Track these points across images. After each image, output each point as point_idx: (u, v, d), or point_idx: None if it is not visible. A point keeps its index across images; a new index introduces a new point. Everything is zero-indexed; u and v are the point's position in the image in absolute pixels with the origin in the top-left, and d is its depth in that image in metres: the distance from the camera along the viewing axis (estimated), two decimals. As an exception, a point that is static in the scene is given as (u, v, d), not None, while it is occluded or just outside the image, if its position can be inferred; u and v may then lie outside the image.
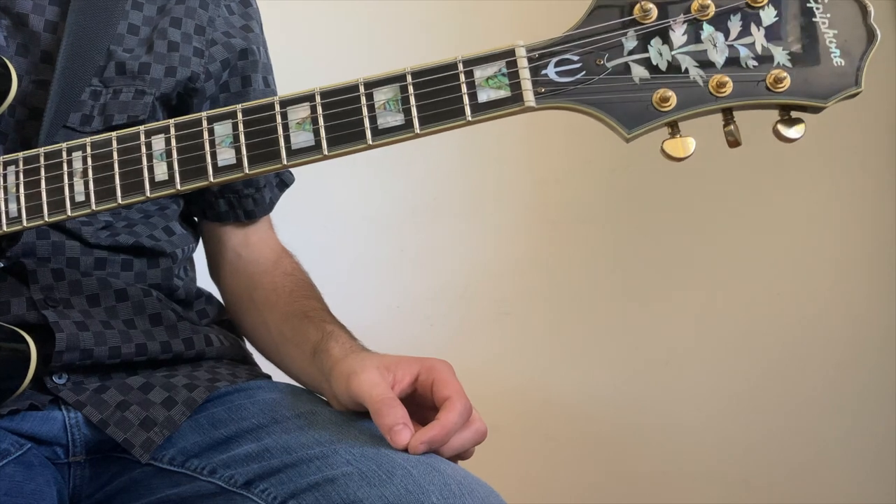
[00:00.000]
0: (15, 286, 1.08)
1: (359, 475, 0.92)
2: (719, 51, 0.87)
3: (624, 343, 2.02)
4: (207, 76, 1.20)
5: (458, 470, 0.95)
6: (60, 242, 1.11)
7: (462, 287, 1.96)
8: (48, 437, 1.06)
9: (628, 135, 0.88)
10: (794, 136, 0.86)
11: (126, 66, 1.13)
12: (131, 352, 1.10)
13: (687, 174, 1.99)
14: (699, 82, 0.87)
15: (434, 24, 1.94)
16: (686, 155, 0.87)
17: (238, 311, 1.27)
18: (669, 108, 0.87)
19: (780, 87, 0.85)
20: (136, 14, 1.17)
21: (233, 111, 0.95)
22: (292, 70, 1.40)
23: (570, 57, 0.89)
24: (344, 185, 1.89)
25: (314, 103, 0.92)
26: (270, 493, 0.97)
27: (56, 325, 1.06)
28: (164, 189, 0.96)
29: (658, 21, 0.87)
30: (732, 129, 0.87)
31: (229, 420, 1.07)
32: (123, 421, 1.05)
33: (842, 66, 0.85)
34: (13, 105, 1.07)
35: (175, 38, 1.17)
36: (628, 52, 0.88)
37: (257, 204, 1.27)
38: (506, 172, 2.00)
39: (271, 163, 0.93)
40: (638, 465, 2.03)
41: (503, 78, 0.89)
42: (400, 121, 0.90)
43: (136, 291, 1.14)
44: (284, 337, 1.19)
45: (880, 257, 2.07)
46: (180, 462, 1.05)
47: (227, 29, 1.23)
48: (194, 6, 1.21)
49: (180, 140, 0.96)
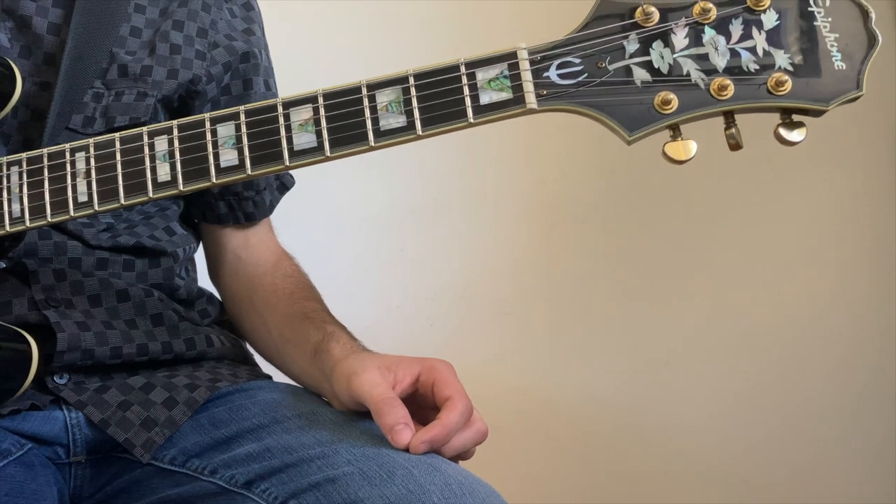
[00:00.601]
0: (17, 286, 1.09)
1: (360, 475, 0.92)
2: (721, 54, 0.87)
3: (624, 343, 2.02)
4: (209, 79, 1.20)
5: (459, 470, 0.95)
6: (62, 243, 1.11)
7: (462, 287, 1.96)
8: (49, 437, 1.06)
9: (630, 137, 0.88)
10: (795, 139, 0.86)
11: (128, 68, 1.14)
12: (132, 352, 1.10)
13: (687, 175, 1.98)
14: (701, 85, 0.87)
15: (434, 24, 1.94)
16: (687, 158, 0.87)
17: (238, 312, 1.28)
18: (671, 110, 0.87)
19: (781, 90, 0.86)
20: (138, 17, 1.17)
21: (236, 112, 0.95)
22: (292, 71, 1.40)
23: (571, 59, 0.89)
24: (344, 185, 1.89)
25: (317, 105, 0.92)
26: (271, 493, 0.97)
27: (57, 326, 1.06)
28: (167, 190, 0.96)
29: (660, 24, 0.88)
30: (734, 132, 0.87)
31: (230, 420, 1.07)
32: (124, 421, 1.05)
33: (843, 69, 0.85)
34: (16, 106, 1.08)
35: (177, 40, 1.18)
36: (630, 54, 0.88)
37: (257, 206, 1.27)
38: (506, 173, 2.00)
39: (274, 164, 0.93)
40: (638, 465, 2.03)
41: (505, 80, 0.89)
42: (402, 122, 0.90)
43: (138, 292, 1.14)
44: (284, 338, 1.19)
45: (880, 257, 2.07)
46: (181, 462, 1.05)
47: (229, 32, 1.24)
48: (196, 9, 1.21)
49: (183, 141, 0.96)
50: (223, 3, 1.25)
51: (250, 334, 1.26)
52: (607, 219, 2.03)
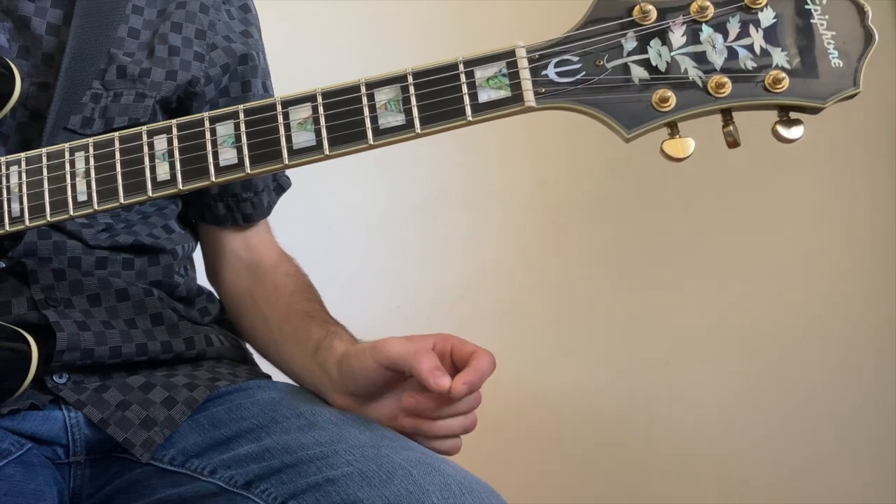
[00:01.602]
0: (16, 286, 1.09)
1: (359, 475, 0.92)
2: (718, 52, 0.87)
3: (624, 343, 2.02)
4: (207, 80, 1.20)
5: (458, 470, 0.95)
6: (62, 242, 1.11)
7: (462, 287, 1.96)
8: (48, 437, 1.07)
9: (628, 135, 0.88)
10: (792, 136, 0.86)
11: (127, 69, 1.14)
12: (132, 351, 1.10)
13: (687, 175, 1.99)
14: (698, 83, 0.87)
15: (434, 24, 1.94)
16: (686, 155, 0.87)
17: (237, 311, 1.28)
18: (669, 108, 0.87)
19: (778, 87, 0.86)
20: (136, 18, 1.18)
21: (235, 111, 0.95)
22: (291, 72, 1.40)
23: (570, 58, 0.89)
24: (345, 185, 1.89)
25: (316, 103, 0.92)
26: (271, 494, 0.97)
27: (57, 325, 1.06)
28: (167, 189, 0.96)
29: (657, 22, 0.88)
30: (731, 129, 0.87)
31: (229, 420, 1.07)
32: (124, 420, 1.06)
33: (840, 66, 0.85)
34: (15, 107, 1.08)
35: (175, 42, 1.18)
36: (628, 52, 0.88)
37: (255, 208, 1.27)
38: (506, 172, 2.00)
39: (273, 163, 0.93)
40: (638, 465, 2.03)
41: (503, 78, 0.89)
42: (401, 121, 0.90)
43: (137, 291, 1.14)
44: (284, 335, 1.19)
45: (880, 257, 2.07)
46: (181, 462, 1.05)
47: (227, 33, 1.24)
48: (194, 10, 1.21)
49: (182, 140, 0.96)
50: (221, 5, 1.25)
51: (250, 332, 1.26)
52: (608, 219, 2.03)
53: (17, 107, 1.08)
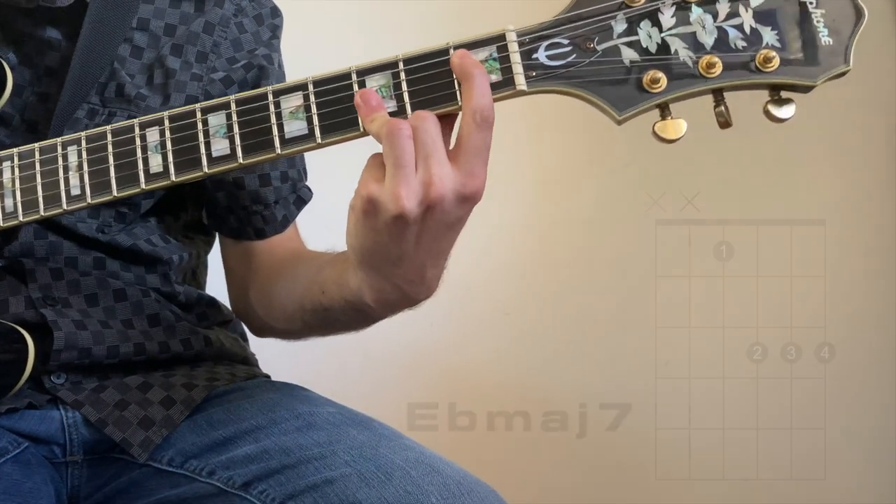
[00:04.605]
0: (13, 285, 1.08)
1: (357, 476, 0.92)
2: (708, 32, 0.87)
3: (624, 343, 2.02)
4: (207, 97, 1.15)
5: (457, 470, 0.95)
6: (58, 242, 1.11)
7: (462, 287, 1.96)
8: (46, 437, 1.07)
9: (619, 117, 0.87)
10: (784, 115, 0.86)
11: (125, 88, 1.12)
12: (129, 351, 1.10)
13: (687, 174, 2.00)
14: (689, 63, 0.87)
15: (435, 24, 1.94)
16: (677, 136, 0.87)
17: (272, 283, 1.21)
18: (660, 89, 0.87)
19: (769, 66, 0.85)
20: (140, 35, 1.15)
21: (226, 102, 0.94)
22: (291, 73, 1.40)
23: (560, 41, 0.89)
24: (345, 186, 1.88)
25: (307, 92, 0.92)
26: (269, 495, 0.97)
27: (54, 324, 1.06)
28: (159, 181, 0.96)
29: (647, 4, 0.87)
30: (723, 109, 0.87)
31: (228, 420, 1.07)
32: (122, 420, 1.06)
33: (830, 44, 0.85)
34: (12, 115, 1.08)
35: (174, 65, 1.15)
36: (618, 34, 0.88)
37: (267, 222, 1.23)
38: (506, 172, 2.00)
39: (265, 152, 0.93)
40: (638, 466, 2.03)
41: (494, 62, 0.89)
42: (392, 107, 0.90)
43: (135, 292, 1.14)
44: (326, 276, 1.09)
45: (880, 257, 2.07)
46: (179, 463, 1.05)
47: (233, 54, 1.19)
48: (198, 31, 1.17)
49: (174, 132, 0.95)
50: (230, 20, 1.20)
51: (288, 296, 1.17)
52: (608, 219, 2.03)
53: (14, 115, 1.08)
